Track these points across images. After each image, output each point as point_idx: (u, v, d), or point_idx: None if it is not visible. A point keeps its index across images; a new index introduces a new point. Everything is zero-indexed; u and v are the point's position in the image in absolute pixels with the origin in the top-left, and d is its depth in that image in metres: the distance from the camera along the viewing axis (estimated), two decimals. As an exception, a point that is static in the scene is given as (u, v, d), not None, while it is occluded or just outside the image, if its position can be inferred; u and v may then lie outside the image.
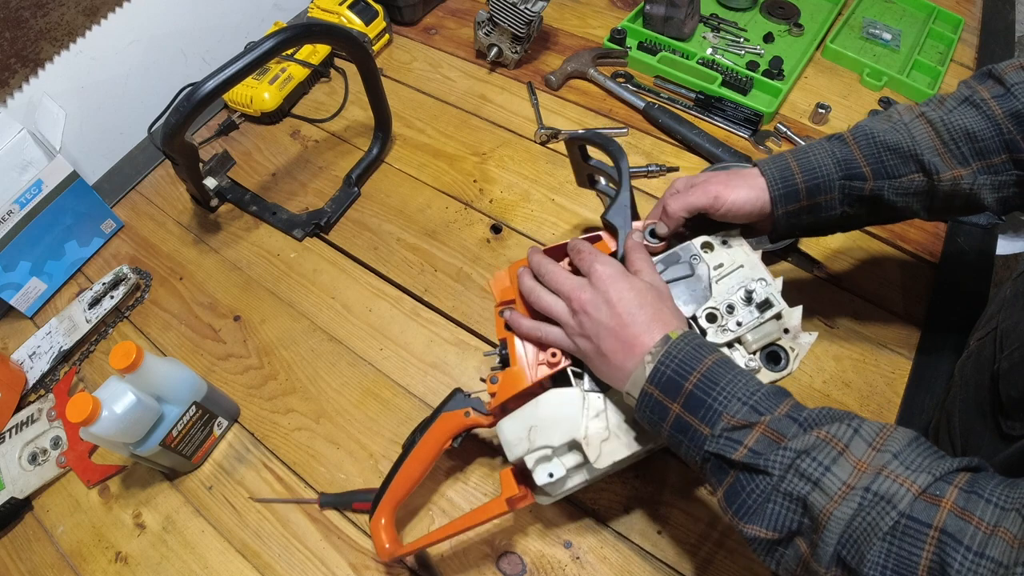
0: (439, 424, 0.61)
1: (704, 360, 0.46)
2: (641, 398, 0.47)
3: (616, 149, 0.63)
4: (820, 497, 0.39)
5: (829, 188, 0.55)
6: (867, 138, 0.55)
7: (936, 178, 0.53)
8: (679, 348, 0.46)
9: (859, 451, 0.40)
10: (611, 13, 1.15)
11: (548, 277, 0.55)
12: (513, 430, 0.54)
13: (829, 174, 0.55)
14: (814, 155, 0.56)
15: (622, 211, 0.59)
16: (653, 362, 0.46)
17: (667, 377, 0.45)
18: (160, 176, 0.99)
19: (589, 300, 0.51)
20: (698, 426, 0.44)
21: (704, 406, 0.44)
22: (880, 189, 0.55)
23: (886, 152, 0.54)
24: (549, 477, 0.51)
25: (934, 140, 0.53)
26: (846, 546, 0.38)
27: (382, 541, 0.59)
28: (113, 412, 0.58)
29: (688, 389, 0.45)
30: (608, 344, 0.49)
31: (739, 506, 0.43)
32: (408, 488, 0.61)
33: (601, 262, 0.53)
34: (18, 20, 0.80)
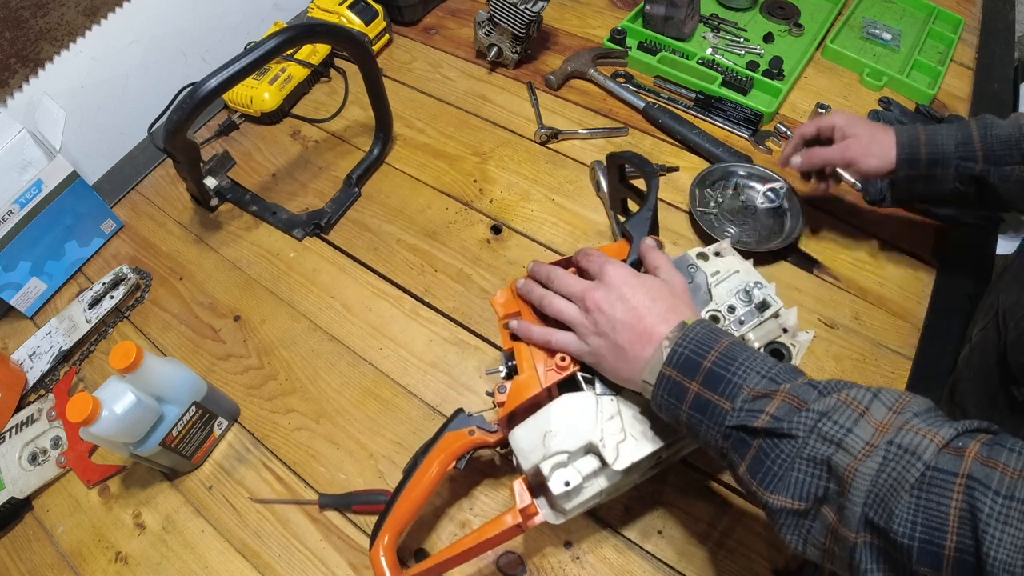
0: (442, 445, 0.60)
1: (721, 340, 0.46)
2: (659, 382, 0.47)
3: (649, 170, 0.66)
4: (844, 457, 0.39)
5: (946, 163, 0.66)
6: (986, 128, 0.65)
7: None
8: (695, 331, 0.47)
9: (879, 414, 0.40)
10: (611, 13, 1.15)
11: (558, 282, 0.56)
12: (527, 438, 0.53)
13: (948, 152, 0.66)
14: (941, 135, 0.66)
15: (643, 223, 0.61)
16: (671, 346, 0.47)
17: (685, 357, 0.46)
18: (160, 176, 0.99)
19: (603, 297, 0.51)
20: (718, 401, 0.44)
21: (724, 381, 0.44)
22: (987, 172, 0.64)
23: (998, 143, 0.64)
24: (565, 485, 0.51)
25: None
26: (873, 505, 0.37)
27: (382, 571, 0.56)
28: (113, 412, 0.58)
29: (707, 367, 0.45)
30: (624, 336, 0.50)
31: (764, 475, 0.42)
32: (411, 513, 0.58)
33: (611, 263, 0.54)
34: (18, 20, 0.80)
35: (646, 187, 0.65)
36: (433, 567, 0.56)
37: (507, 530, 0.54)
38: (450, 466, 0.59)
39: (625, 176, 0.73)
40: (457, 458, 0.60)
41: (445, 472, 0.59)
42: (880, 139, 0.69)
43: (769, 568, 0.60)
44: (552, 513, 0.55)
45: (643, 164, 0.67)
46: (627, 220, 0.63)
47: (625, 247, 0.62)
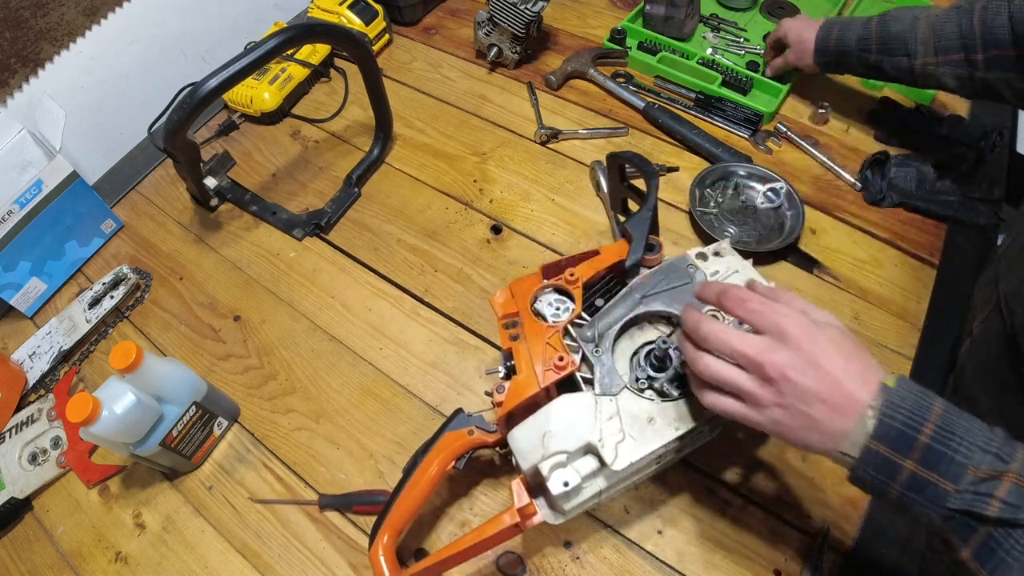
0: (441, 445, 0.60)
1: (933, 407, 0.41)
2: (863, 457, 0.42)
3: (649, 170, 0.66)
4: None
5: (848, 53, 0.83)
6: (883, 25, 0.79)
7: (915, 61, 0.77)
8: (901, 396, 0.41)
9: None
10: (611, 13, 1.15)
11: (717, 340, 0.46)
12: (526, 438, 0.53)
13: (850, 45, 0.82)
14: (850, 30, 0.82)
15: (642, 223, 0.61)
16: (876, 416, 0.41)
17: (896, 430, 0.41)
18: (160, 176, 0.99)
19: (789, 363, 0.43)
20: (938, 482, 0.40)
21: (944, 459, 0.40)
22: (880, 61, 0.80)
23: (890, 38, 0.78)
24: (564, 486, 0.51)
25: (926, 35, 0.75)
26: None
27: (382, 571, 0.56)
28: (113, 412, 0.58)
29: (923, 442, 0.40)
30: (818, 408, 0.43)
31: (997, 565, 0.39)
32: (410, 513, 0.58)
33: (786, 313, 0.45)
34: (18, 20, 0.80)
35: (646, 187, 0.65)
36: (432, 566, 0.56)
37: (505, 530, 0.54)
38: (449, 466, 0.59)
39: (625, 176, 0.73)
40: (456, 458, 0.60)
41: (444, 472, 0.59)
42: (806, 38, 0.88)
43: (769, 568, 0.60)
44: (551, 513, 0.55)
45: (643, 164, 0.67)
46: (627, 220, 0.63)
47: (625, 247, 0.62)
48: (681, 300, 0.58)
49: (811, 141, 0.92)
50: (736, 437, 0.67)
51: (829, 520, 0.62)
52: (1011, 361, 0.56)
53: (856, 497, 0.63)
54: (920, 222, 0.84)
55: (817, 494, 0.64)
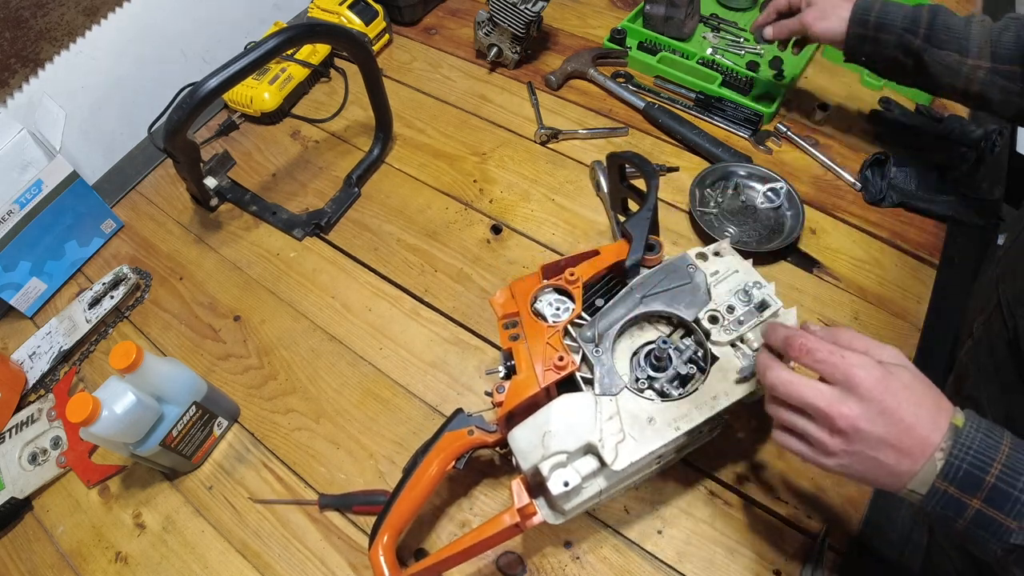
0: (441, 445, 0.60)
1: (1001, 447, 0.42)
2: (931, 495, 0.42)
3: (649, 170, 0.66)
4: None
5: (891, 30, 0.73)
6: (936, 14, 0.72)
7: (965, 60, 0.69)
8: (970, 437, 0.42)
9: None
10: (611, 13, 1.15)
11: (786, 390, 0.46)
12: (527, 438, 0.53)
13: (896, 21, 0.73)
14: (895, 7, 0.74)
15: (642, 223, 0.62)
16: (944, 457, 0.42)
17: (964, 472, 0.41)
18: (160, 176, 0.99)
19: (861, 415, 0.43)
20: (1003, 520, 0.41)
21: (1011, 499, 0.41)
22: (923, 50, 0.71)
23: (943, 28, 0.71)
24: (564, 486, 0.51)
25: (983, 39, 0.69)
26: None
27: (382, 570, 0.56)
28: (113, 412, 0.58)
29: (990, 483, 0.41)
30: (887, 454, 0.43)
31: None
32: (410, 513, 0.58)
33: (856, 363, 0.44)
34: (18, 20, 0.80)
35: (646, 187, 0.65)
36: (432, 566, 0.56)
37: (505, 529, 0.54)
38: (449, 466, 0.59)
39: (626, 176, 0.73)
40: (456, 458, 0.60)
41: (444, 472, 0.59)
42: (836, 4, 0.77)
43: (769, 568, 0.60)
44: (551, 513, 0.55)
45: (643, 164, 0.67)
46: (627, 220, 0.63)
47: (625, 247, 0.62)
48: (681, 300, 0.58)
49: (811, 141, 0.92)
50: (736, 437, 0.67)
51: (829, 520, 0.62)
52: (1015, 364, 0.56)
53: (856, 497, 0.63)
54: (920, 222, 0.84)
55: (817, 494, 0.64)
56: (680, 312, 0.57)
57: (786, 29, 0.82)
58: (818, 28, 0.78)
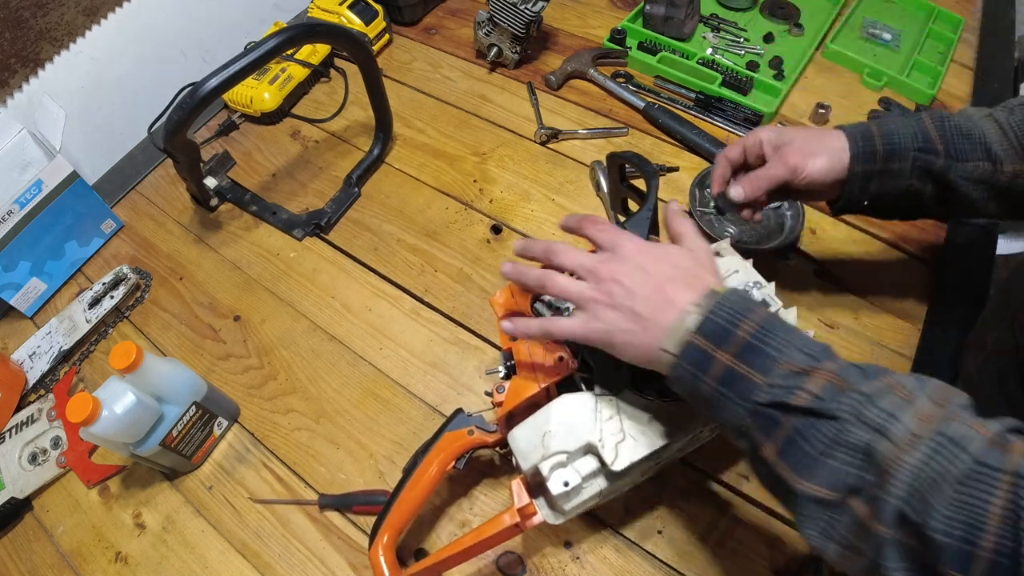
0: (441, 444, 0.60)
1: (756, 310, 0.43)
2: (682, 352, 0.43)
3: (649, 170, 0.65)
4: (886, 445, 0.36)
5: (903, 156, 0.58)
6: (941, 120, 0.58)
7: (1000, 168, 0.56)
8: (730, 299, 0.43)
9: (924, 404, 0.37)
10: (611, 13, 1.15)
11: (562, 256, 0.50)
12: (526, 438, 0.53)
13: (905, 143, 0.58)
14: (893, 124, 0.59)
15: (642, 223, 0.61)
16: (700, 312, 0.43)
17: (718, 326, 0.42)
18: (160, 176, 0.99)
19: (620, 268, 0.47)
20: (750, 375, 0.40)
21: (760, 355, 0.41)
22: (948, 168, 0.57)
23: (958, 135, 0.57)
24: (564, 486, 0.51)
25: (1000, 137, 0.56)
26: (912, 499, 0.34)
27: (382, 570, 0.56)
28: (113, 412, 0.58)
29: (743, 337, 0.41)
30: (643, 305, 0.45)
31: (798, 459, 0.38)
32: (410, 513, 0.58)
33: (627, 234, 0.50)
34: (18, 20, 0.80)
35: (646, 187, 0.65)
36: (431, 566, 0.56)
37: (505, 529, 0.54)
38: (449, 466, 0.59)
39: (625, 176, 0.73)
40: (456, 458, 0.60)
41: (444, 472, 0.59)
42: (823, 138, 0.60)
43: (769, 568, 0.60)
44: (551, 513, 0.55)
45: (643, 164, 0.67)
46: (627, 220, 0.63)
47: None
48: None
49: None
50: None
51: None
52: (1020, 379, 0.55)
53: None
54: (920, 222, 0.84)
55: (817, 494, 0.64)
56: None
57: (765, 180, 0.60)
58: (814, 167, 0.58)
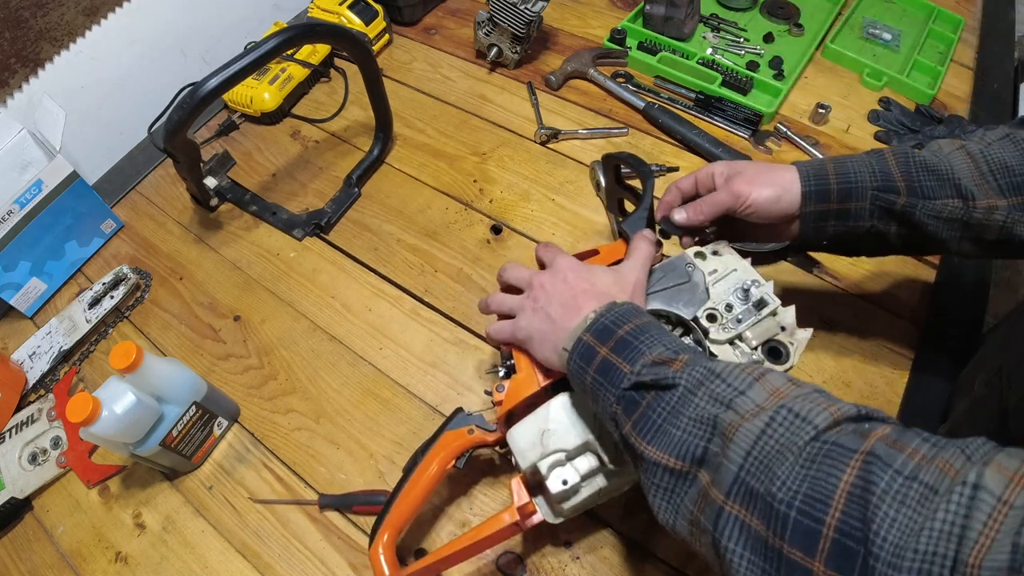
0: (441, 444, 0.60)
1: (641, 317, 0.48)
2: (574, 347, 0.48)
3: (645, 170, 0.65)
4: (730, 415, 0.38)
5: (861, 195, 0.54)
6: (906, 156, 0.54)
7: (972, 204, 0.52)
8: (621, 308, 0.49)
9: (777, 381, 0.39)
10: (611, 13, 1.15)
11: (509, 272, 0.60)
12: (525, 436, 0.53)
13: (863, 181, 0.54)
14: (851, 162, 0.56)
15: (639, 222, 0.61)
16: (595, 316, 0.49)
17: (603, 326, 0.48)
18: (160, 176, 0.99)
19: (547, 279, 0.55)
20: (620, 365, 0.45)
21: (630, 348, 0.45)
22: (912, 207, 0.53)
23: (923, 172, 0.53)
24: (563, 484, 0.51)
25: (972, 171, 0.52)
26: (752, 468, 0.35)
27: (382, 570, 0.56)
28: (113, 412, 0.58)
29: (619, 335, 0.46)
30: (556, 310, 0.53)
31: (645, 426, 0.42)
32: (410, 512, 0.58)
33: (564, 255, 0.57)
34: (18, 20, 0.80)
35: (642, 187, 0.65)
36: (431, 565, 0.56)
37: (505, 528, 0.54)
38: (449, 465, 0.59)
39: (621, 177, 0.73)
40: (456, 457, 0.60)
41: (444, 471, 0.59)
42: (773, 171, 0.57)
43: (769, 568, 0.60)
44: (551, 512, 0.55)
45: (639, 164, 0.67)
46: (624, 220, 0.63)
47: (622, 247, 0.62)
48: (679, 299, 0.57)
49: (811, 141, 0.92)
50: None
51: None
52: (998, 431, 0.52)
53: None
54: (920, 222, 0.84)
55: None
56: (679, 311, 0.57)
57: (708, 205, 0.59)
58: (758, 197, 0.56)
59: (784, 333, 0.55)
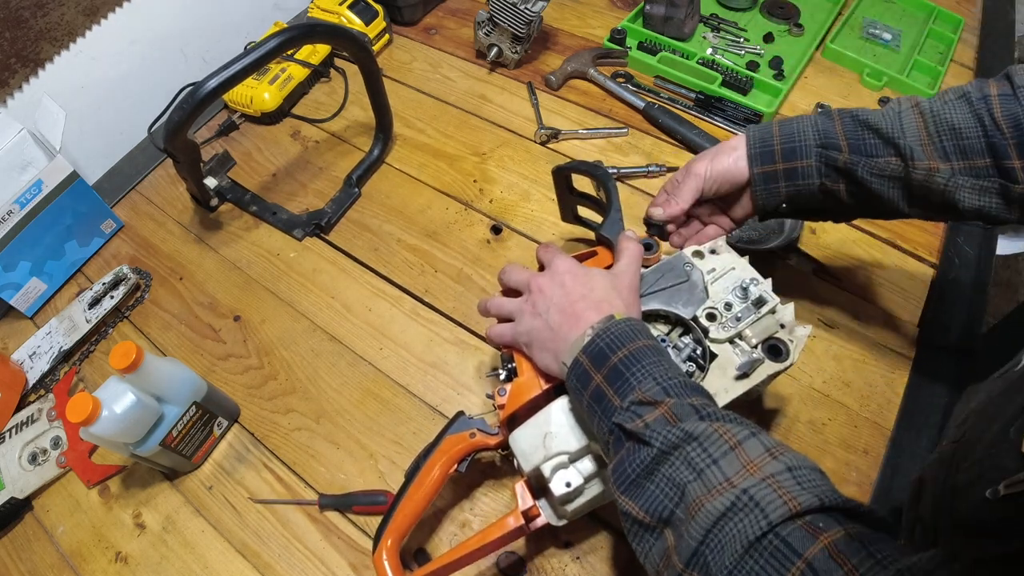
0: (443, 448, 0.59)
1: (637, 341, 0.47)
2: (572, 366, 0.48)
3: (602, 174, 0.65)
4: (698, 487, 0.38)
5: (806, 153, 0.55)
6: (852, 117, 0.55)
7: (911, 164, 0.51)
8: (618, 326, 0.48)
9: (754, 452, 0.39)
10: (611, 13, 1.15)
11: (509, 274, 0.59)
12: (528, 439, 0.53)
13: (807, 139, 0.55)
14: (797, 122, 0.57)
15: (616, 225, 0.62)
16: (592, 334, 0.48)
17: (599, 349, 0.47)
18: (160, 176, 0.99)
19: (545, 283, 0.54)
20: (611, 397, 0.45)
21: (622, 379, 0.45)
22: (855, 164, 0.54)
23: (866, 131, 0.54)
24: (567, 487, 0.51)
25: (921, 130, 0.52)
26: (709, 546, 0.36)
27: (386, 574, 0.55)
28: (113, 412, 0.58)
29: (613, 362, 0.46)
30: (556, 318, 0.52)
31: (620, 476, 0.42)
32: (414, 517, 0.58)
33: (562, 255, 0.56)
34: (18, 20, 0.80)
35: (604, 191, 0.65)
36: (436, 571, 0.55)
37: (510, 532, 0.54)
38: (452, 469, 0.59)
39: (573, 187, 0.73)
40: (459, 461, 0.60)
41: (447, 475, 0.59)
42: (724, 144, 0.60)
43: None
44: (554, 515, 0.55)
45: (593, 170, 0.67)
46: (600, 226, 0.62)
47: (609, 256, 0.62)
48: (678, 298, 0.58)
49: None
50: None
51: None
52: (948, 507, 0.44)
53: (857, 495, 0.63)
54: (920, 222, 0.84)
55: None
56: (678, 310, 0.57)
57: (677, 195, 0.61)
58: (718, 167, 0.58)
59: (784, 331, 0.55)
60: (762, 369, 0.53)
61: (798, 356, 0.54)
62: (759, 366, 0.53)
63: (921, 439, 0.66)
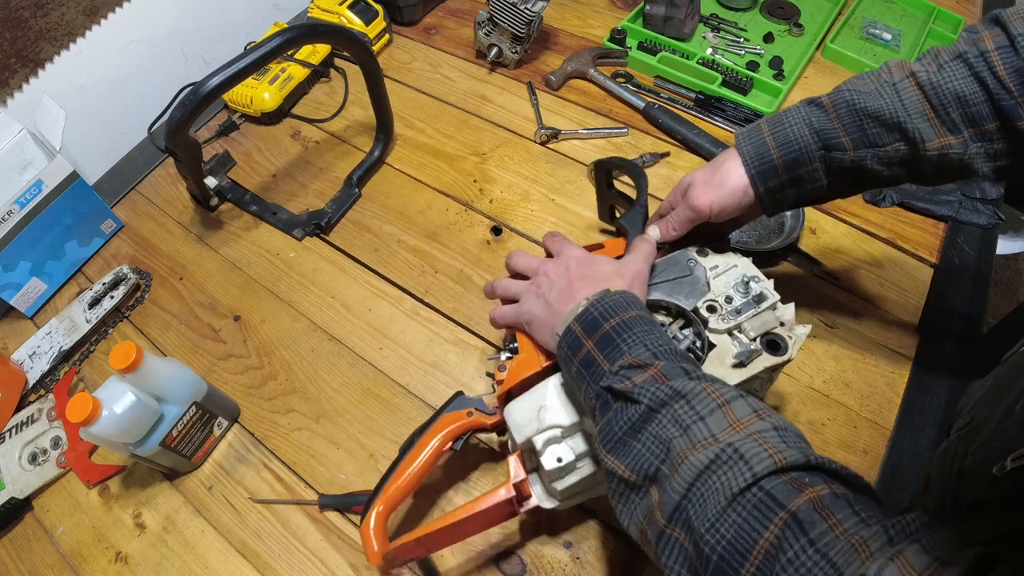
0: (439, 425, 0.60)
1: (629, 311, 0.48)
2: (564, 334, 0.50)
3: (638, 172, 0.67)
4: (683, 442, 0.38)
5: (808, 160, 0.52)
6: (847, 105, 0.51)
7: (922, 147, 0.49)
8: (612, 297, 0.49)
9: (741, 411, 0.39)
10: (611, 13, 1.15)
11: (516, 259, 0.62)
12: (522, 411, 0.54)
13: (807, 146, 0.52)
14: (789, 125, 0.53)
15: (637, 219, 0.64)
16: (586, 304, 0.50)
17: (592, 317, 0.48)
18: (160, 176, 0.99)
19: (551, 267, 0.57)
20: (601, 362, 0.46)
21: (612, 345, 0.46)
22: (862, 159, 0.51)
23: (867, 120, 0.50)
24: (558, 461, 0.51)
25: (924, 104, 0.49)
26: (692, 500, 0.36)
27: (371, 543, 0.55)
28: (113, 412, 0.58)
29: (605, 330, 0.47)
30: (555, 296, 0.54)
31: (607, 435, 0.43)
32: (404, 491, 0.57)
33: (571, 245, 0.59)
34: (18, 20, 0.80)
35: (636, 186, 0.66)
36: (422, 538, 0.54)
37: (498, 505, 0.53)
38: (446, 446, 0.59)
39: (612, 183, 0.74)
40: (454, 439, 0.60)
41: (441, 451, 0.59)
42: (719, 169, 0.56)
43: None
44: (545, 496, 0.55)
45: (629, 166, 0.69)
46: (622, 216, 0.64)
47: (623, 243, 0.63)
48: (680, 291, 0.59)
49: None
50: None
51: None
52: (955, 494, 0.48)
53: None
54: (920, 222, 0.84)
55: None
56: (679, 301, 0.58)
57: (675, 222, 0.60)
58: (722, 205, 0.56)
59: (783, 328, 0.56)
60: (759, 361, 0.54)
61: (796, 353, 0.55)
62: (756, 357, 0.54)
63: (921, 439, 0.66)
